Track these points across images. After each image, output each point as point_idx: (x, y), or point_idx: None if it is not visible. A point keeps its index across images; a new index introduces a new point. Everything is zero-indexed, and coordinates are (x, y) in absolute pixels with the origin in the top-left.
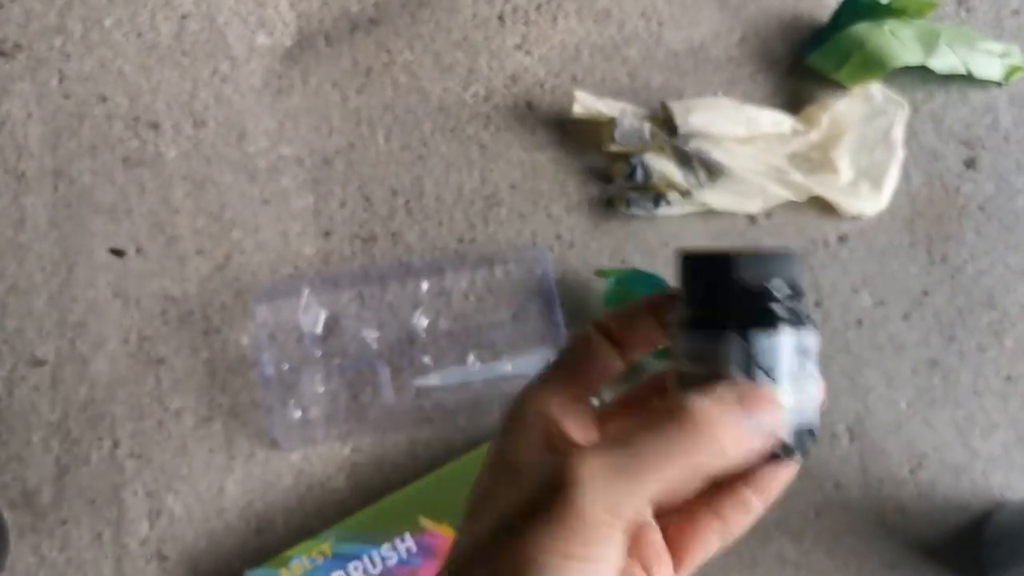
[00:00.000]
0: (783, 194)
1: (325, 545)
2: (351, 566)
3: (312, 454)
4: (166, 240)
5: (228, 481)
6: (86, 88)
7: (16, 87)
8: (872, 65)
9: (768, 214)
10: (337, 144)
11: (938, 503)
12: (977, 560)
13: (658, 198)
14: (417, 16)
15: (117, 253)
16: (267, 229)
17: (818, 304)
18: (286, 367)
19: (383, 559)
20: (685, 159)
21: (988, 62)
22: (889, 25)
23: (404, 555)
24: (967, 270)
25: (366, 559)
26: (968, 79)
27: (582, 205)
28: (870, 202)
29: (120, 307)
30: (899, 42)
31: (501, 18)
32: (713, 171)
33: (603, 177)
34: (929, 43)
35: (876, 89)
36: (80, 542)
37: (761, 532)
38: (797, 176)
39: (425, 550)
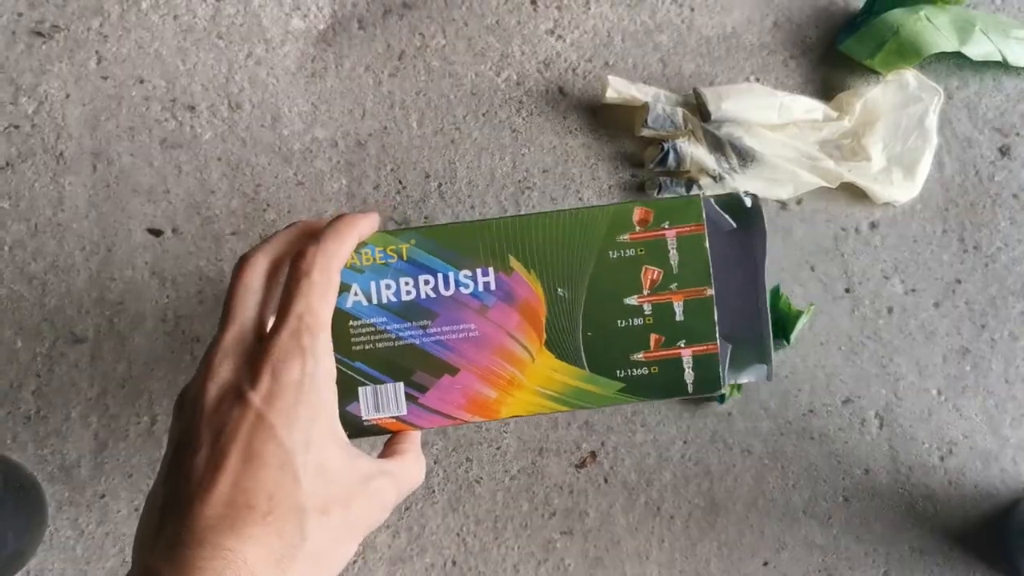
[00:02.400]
0: (815, 180)
1: (404, 246)
2: (422, 277)
3: None
4: (202, 220)
5: None
6: (124, 70)
7: (55, 68)
8: (907, 52)
9: (799, 200)
10: (371, 127)
11: (967, 490)
12: (1005, 547)
13: (690, 183)
14: (450, 1)
15: (154, 233)
16: (301, 210)
17: (848, 291)
18: None
19: (458, 284)
20: (717, 144)
21: (1023, 50)
22: (924, 11)
23: (480, 288)
24: (1000, 258)
25: (440, 277)
26: (1003, 66)
27: (613, 190)
28: (903, 189)
29: (157, 286)
30: (934, 29)
31: (534, 3)
32: (745, 157)
33: (634, 162)
34: (964, 30)
35: (910, 76)
36: (118, 515)
37: (790, 516)
38: (829, 163)
39: (505, 292)
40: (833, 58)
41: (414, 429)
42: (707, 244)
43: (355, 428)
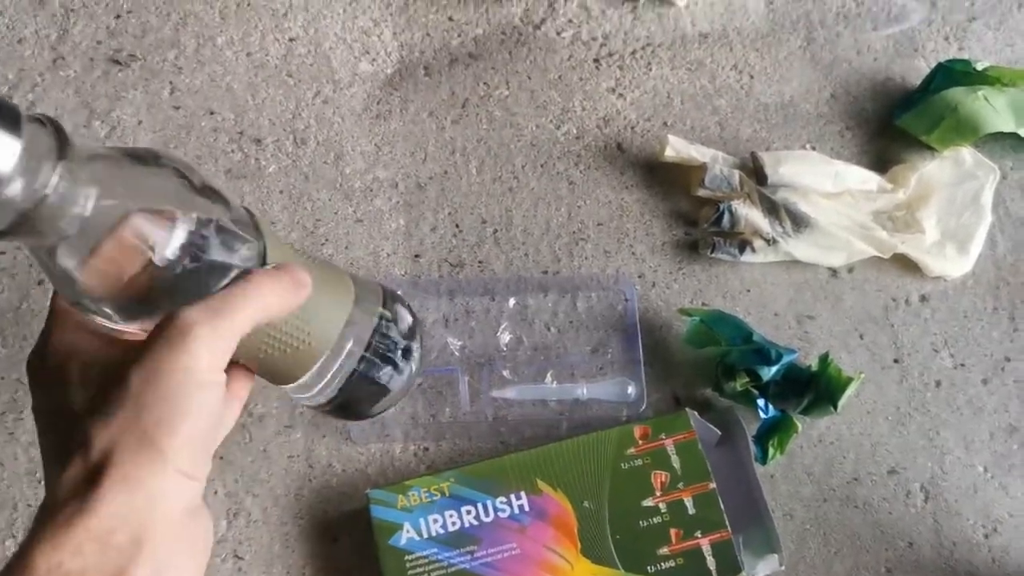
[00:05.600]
0: (868, 250)
1: (445, 484)
2: (464, 508)
3: (389, 467)
4: None
5: (305, 489)
6: (195, 101)
7: (129, 95)
8: (964, 130)
9: (850, 268)
10: (431, 170)
11: (1011, 569)
12: None
13: (743, 244)
14: (515, 54)
15: None
16: (359, 247)
17: (897, 361)
18: None
19: (496, 510)
20: (772, 208)
21: None
22: (983, 92)
23: (516, 511)
24: None
25: (480, 506)
26: None
27: (666, 247)
28: (955, 264)
29: None
30: (992, 109)
31: (597, 61)
32: (799, 222)
33: (688, 221)
34: (1022, 112)
35: (967, 153)
36: None
37: None
38: (882, 233)
39: (537, 511)
40: (889, 132)
41: None
42: (700, 447)
43: None
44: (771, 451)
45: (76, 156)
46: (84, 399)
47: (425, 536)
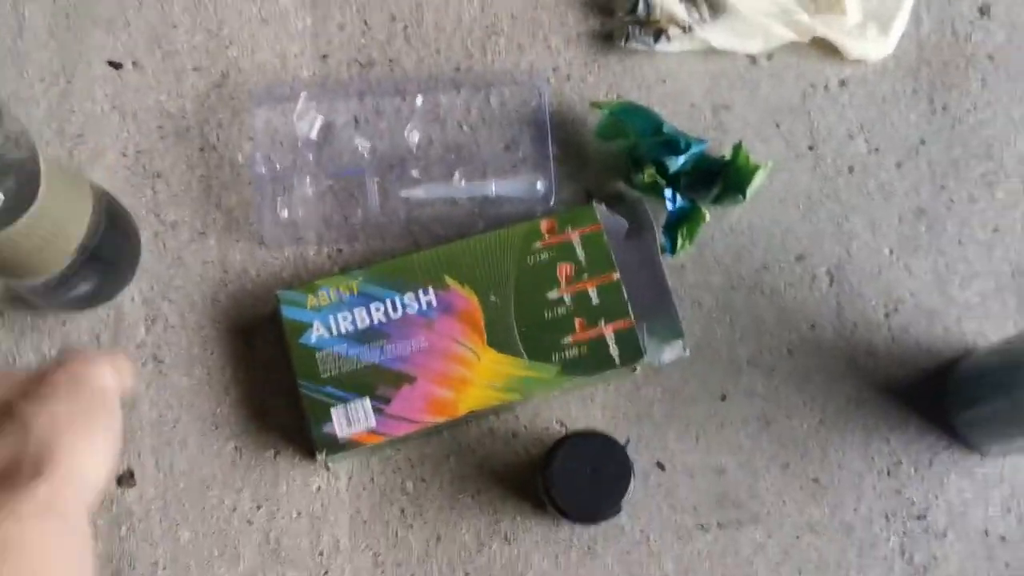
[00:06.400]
0: (786, 34)
1: (354, 283)
2: (373, 306)
3: (302, 269)
4: (163, 55)
5: (221, 294)
6: None
7: None
8: None
9: (769, 56)
10: None
11: (909, 347)
12: (941, 402)
13: (659, 33)
14: None
15: (115, 65)
16: (265, 49)
17: (811, 148)
18: (278, 168)
19: (404, 306)
20: None
21: None
22: None
23: (424, 306)
24: (968, 120)
25: (388, 303)
26: None
27: (582, 38)
28: (876, 45)
29: (118, 120)
30: None
31: None
32: (716, 7)
33: (604, 10)
34: None
35: None
36: (78, 343)
37: (734, 367)
38: (803, 15)
39: (445, 306)
40: None
41: (386, 438)
42: (606, 238)
43: (332, 446)
44: (680, 241)
45: None
46: None
47: (335, 333)
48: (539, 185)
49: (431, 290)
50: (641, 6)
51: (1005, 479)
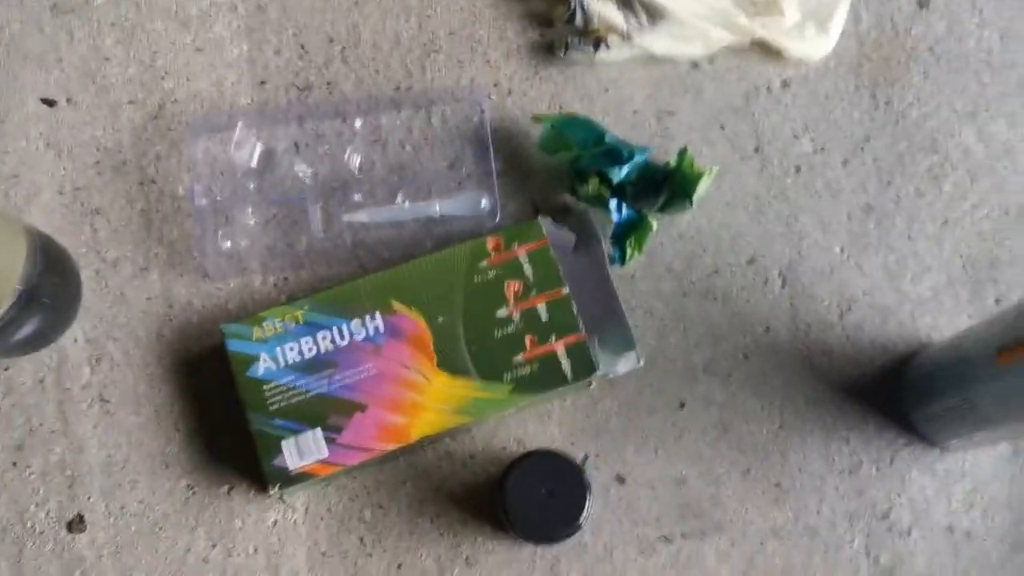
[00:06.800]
0: (726, 37)
1: (299, 312)
2: (319, 335)
3: (248, 300)
4: (97, 89)
5: (166, 330)
6: None
7: None
8: None
9: (711, 60)
10: None
11: (864, 345)
12: (898, 399)
13: (598, 42)
14: None
15: (48, 103)
16: (201, 78)
17: (757, 150)
18: (219, 198)
19: (351, 333)
20: (626, 1)
21: None
22: None
23: (371, 332)
24: (911, 115)
25: (335, 330)
26: None
27: (521, 51)
28: (816, 45)
29: (53, 158)
30: None
31: None
32: (654, 14)
33: (543, 21)
34: None
35: None
36: (23, 387)
37: (690, 375)
38: (741, 18)
39: (392, 330)
40: None
41: (340, 468)
42: (553, 253)
43: (284, 479)
44: (629, 251)
45: None
46: None
47: (282, 364)
48: (484, 202)
49: (378, 315)
50: (579, 16)
51: (967, 473)
